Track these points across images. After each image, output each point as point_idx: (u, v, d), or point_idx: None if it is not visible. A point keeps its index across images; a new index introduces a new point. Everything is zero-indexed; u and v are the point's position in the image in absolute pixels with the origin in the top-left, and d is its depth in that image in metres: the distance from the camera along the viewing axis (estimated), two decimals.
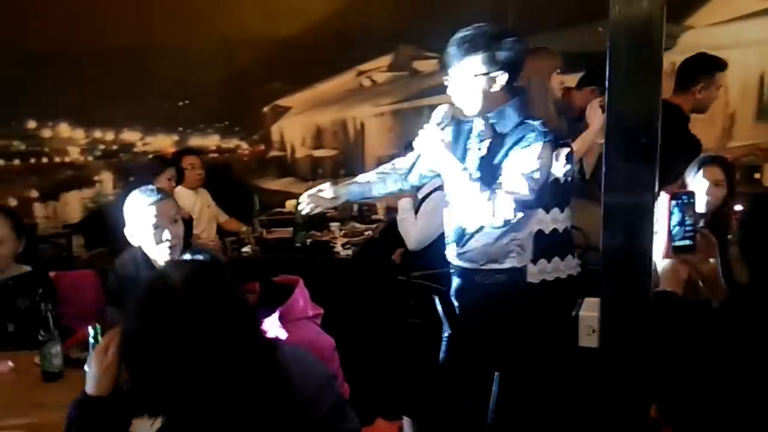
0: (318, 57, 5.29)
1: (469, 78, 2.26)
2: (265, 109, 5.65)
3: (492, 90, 2.26)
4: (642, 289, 1.10)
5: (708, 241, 1.72)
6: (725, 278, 1.72)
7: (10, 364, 2.37)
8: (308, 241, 4.09)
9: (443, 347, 2.16)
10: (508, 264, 2.44)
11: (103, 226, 4.55)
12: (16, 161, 5.86)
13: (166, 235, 2.44)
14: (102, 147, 5.82)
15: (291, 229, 4.13)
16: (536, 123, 2.27)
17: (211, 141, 5.72)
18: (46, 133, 5.81)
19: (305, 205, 2.61)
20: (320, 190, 2.60)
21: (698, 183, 2.86)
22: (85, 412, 1.57)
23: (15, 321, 2.66)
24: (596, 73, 3.39)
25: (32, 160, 5.85)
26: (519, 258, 2.46)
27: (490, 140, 2.35)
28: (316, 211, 2.63)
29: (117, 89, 5.43)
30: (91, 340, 2.09)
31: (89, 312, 2.84)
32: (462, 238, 2.47)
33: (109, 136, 5.81)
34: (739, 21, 4.92)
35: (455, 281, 2.55)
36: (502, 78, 2.23)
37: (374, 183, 2.65)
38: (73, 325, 2.80)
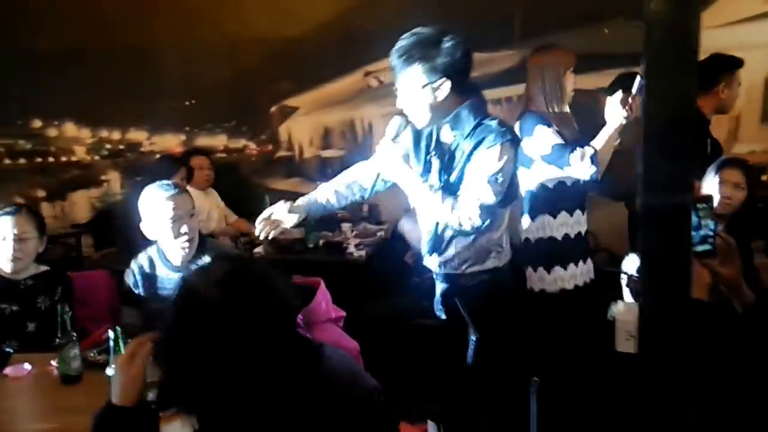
0: (326, 57, 5.29)
1: (411, 90, 2.20)
2: (273, 109, 5.64)
3: (438, 99, 2.20)
4: (682, 293, 1.08)
5: (728, 245, 1.72)
6: (752, 282, 1.73)
7: (28, 367, 2.37)
8: (321, 241, 4.10)
9: (471, 351, 2.16)
10: (490, 264, 2.44)
11: (113, 226, 4.59)
12: (22, 160, 5.85)
13: (184, 228, 2.48)
14: (108, 146, 5.80)
15: (303, 229, 4.13)
16: (494, 123, 2.21)
17: (218, 141, 5.71)
18: (52, 132, 5.80)
19: (260, 231, 2.54)
20: (271, 213, 2.54)
21: (716, 185, 2.86)
22: (112, 421, 1.54)
23: (35, 321, 2.66)
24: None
25: (38, 160, 5.83)
26: (499, 256, 2.47)
27: (450, 145, 2.31)
28: (275, 233, 2.54)
29: (123, 88, 5.42)
30: (111, 343, 2.09)
31: (103, 313, 2.86)
32: (438, 247, 2.46)
33: (116, 135, 5.79)
34: (744, 23, 4.95)
35: (440, 286, 2.54)
36: (445, 85, 2.17)
37: (337, 199, 2.59)
38: (87, 326, 2.81)
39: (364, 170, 2.60)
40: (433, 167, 2.39)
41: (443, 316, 2.59)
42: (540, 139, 2.80)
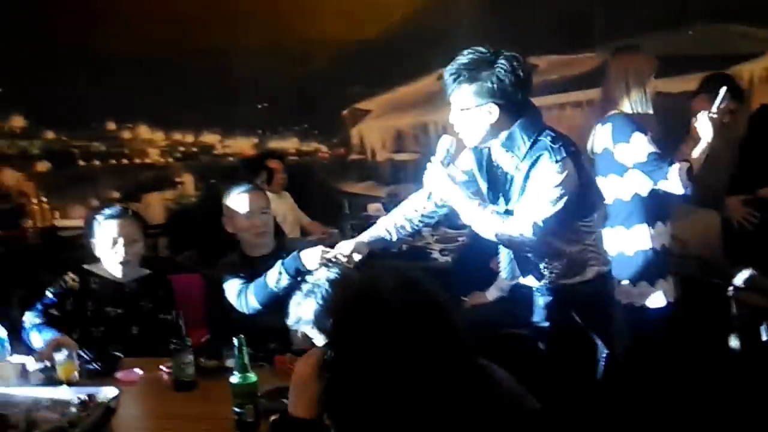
0: (399, 59, 5.26)
1: (461, 110, 2.12)
2: (345, 112, 5.64)
3: (487, 121, 2.11)
4: None
5: None
6: None
7: (139, 371, 2.37)
8: (404, 246, 4.04)
9: (601, 367, 2.08)
10: (590, 274, 2.30)
11: (189, 228, 4.63)
12: (97, 162, 5.96)
13: (257, 221, 2.71)
14: (182, 149, 5.88)
15: None
16: (548, 139, 2.10)
17: (290, 144, 5.74)
18: (126, 134, 5.90)
19: (319, 266, 2.41)
20: (339, 253, 2.40)
21: None
22: None
23: (139, 324, 2.68)
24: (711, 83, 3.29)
25: (112, 162, 5.94)
26: (599, 264, 2.33)
27: (507, 167, 2.20)
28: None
29: (197, 92, 5.49)
30: (236, 351, 2.06)
31: (198, 317, 2.85)
32: (523, 270, 2.34)
33: (189, 138, 5.86)
34: None
35: (542, 299, 2.38)
36: (493, 110, 2.07)
37: (396, 232, 2.48)
38: None
39: (421, 199, 2.49)
40: (495, 187, 2.30)
41: (545, 325, 2.50)
42: (637, 147, 2.73)
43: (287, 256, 2.54)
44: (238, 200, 2.74)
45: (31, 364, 2.32)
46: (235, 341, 1.97)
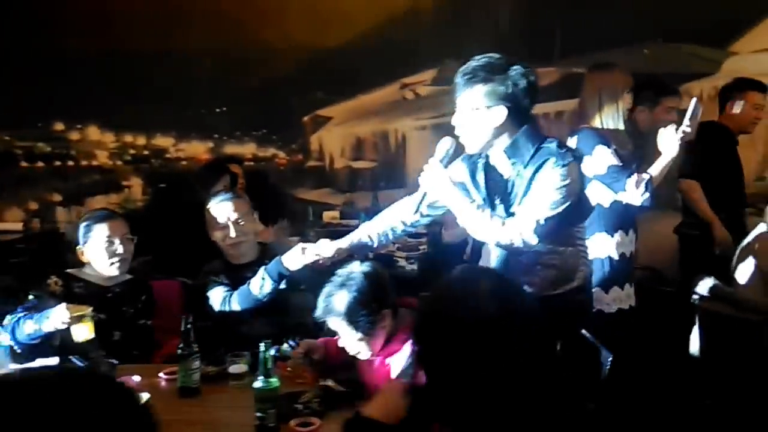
0: (362, 68, 5.25)
1: (469, 111, 2.16)
2: (306, 118, 5.58)
3: (493, 124, 2.15)
4: None
5: None
6: None
7: (138, 378, 2.28)
8: (370, 254, 4.01)
9: (605, 372, 2.10)
10: (578, 281, 2.33)
11: (141, 233, 4.46)
12: (40, 163, 5.70)
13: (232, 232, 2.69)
14: (132, 151, 5.69)
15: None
16: (553, 145, 2.16)
17: (247, 149, 5.62)
18: (74, 135, 5.67)
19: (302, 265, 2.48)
20: (317, 253, 2.45)
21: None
22: None
23: (121, 330, 2.61)
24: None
25: (57, 163, 5.69)
26: (587, 267, 2.39)
27: (509, 174, 2.23)
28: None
29: (151, 93, 5.33)
30: (261, 356, 1.97)
31: (175, 324, 2.75)
32: (516, 270, 2.32)
33: (141, 140, 5.67)
34: None
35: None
36: (501, 112, 2.12)
37: (378, 239, 2.49)
38: (158, 338, 2.72)
39: (406, 209, 2.48)
40: (485, 193, 2.32)
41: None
42: (598, 159, 2.80)
43: (269, 261, 2.54)
44: (215, 209, 2.71)
45: None
46: (261, 346, 1.94)
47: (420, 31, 5.10)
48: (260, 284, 2.52)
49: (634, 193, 2.72)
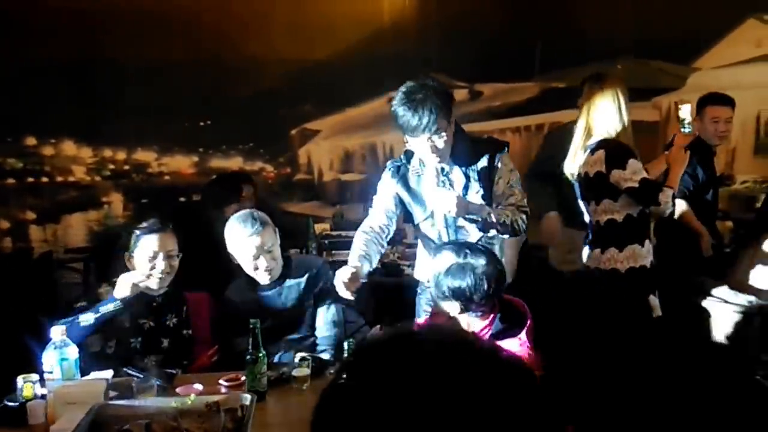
0: (350, 81, 5.32)
1: (437, 139, 2.37)
2: (293, 131, 5.59)
3: (450, 137, 2.43)
4: None
5: None
6: None
7: (200, 387, 2.25)
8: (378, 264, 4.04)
9: None
10: None
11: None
12: (11, 180, 5.47)
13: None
14: (112, 166, 5.53)
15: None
16: (483, 140, 2.60)
17: (233, 163, 5.57)
18: (48, 150, 5.47)
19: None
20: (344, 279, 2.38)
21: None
22: None
23: (168, 337, 2.61)
24: None
25: (30, 179, 5.48)
26: None
27: (459, 175, 2.52)
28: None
29: (132, 106, 5.20)
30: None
31: (206, 335, 2.75)
32: None
33: (121, 155, 5.53)
34: (739, 65, 5.42)
35: None
36: (451, 126, 2.42)
37: (372, 260, 2.54)
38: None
39: (376, 222, 2.65)
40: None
41: None
42: (631, 173, 2.85)
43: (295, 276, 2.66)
44: (245, 242, 2.57)
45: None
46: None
47: (405, 45, 5.22)
48: None
49: (665, 205, 2.82)
